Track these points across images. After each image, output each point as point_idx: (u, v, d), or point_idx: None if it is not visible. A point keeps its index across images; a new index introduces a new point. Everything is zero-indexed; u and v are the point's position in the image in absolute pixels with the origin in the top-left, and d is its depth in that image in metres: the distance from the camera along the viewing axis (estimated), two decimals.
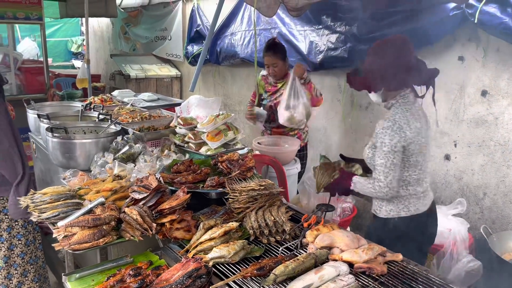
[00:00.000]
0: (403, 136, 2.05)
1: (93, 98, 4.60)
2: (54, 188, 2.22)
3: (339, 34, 4.17)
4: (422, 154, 2.13)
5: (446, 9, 3.23)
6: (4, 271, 2.37)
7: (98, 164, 2.73)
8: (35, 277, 2.47)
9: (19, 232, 2.38)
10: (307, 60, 4.55)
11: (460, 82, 3.45)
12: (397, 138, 2.04)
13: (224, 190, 2.20)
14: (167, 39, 7.51)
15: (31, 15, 5.75)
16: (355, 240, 1.88)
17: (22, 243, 2.40)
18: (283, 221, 2.01)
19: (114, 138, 2.99)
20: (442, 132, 3.62)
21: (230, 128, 2.97)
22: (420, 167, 2.15)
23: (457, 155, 3.54)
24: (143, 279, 1.64)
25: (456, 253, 2.95)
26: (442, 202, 3.65)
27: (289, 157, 3.50)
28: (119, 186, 2.27)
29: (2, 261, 2.35)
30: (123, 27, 8.89)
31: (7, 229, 2.35)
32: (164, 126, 3.40)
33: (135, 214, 1.90)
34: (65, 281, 1.75)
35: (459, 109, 3.48)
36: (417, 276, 1.72)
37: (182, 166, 2.50)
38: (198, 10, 6.55)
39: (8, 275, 2.38)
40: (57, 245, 1.81)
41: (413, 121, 2.10)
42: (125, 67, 7.23)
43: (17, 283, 2.41)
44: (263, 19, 5.04)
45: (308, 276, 1.58)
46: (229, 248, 1.79)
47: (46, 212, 2.02)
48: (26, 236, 2.41)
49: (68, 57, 13.10)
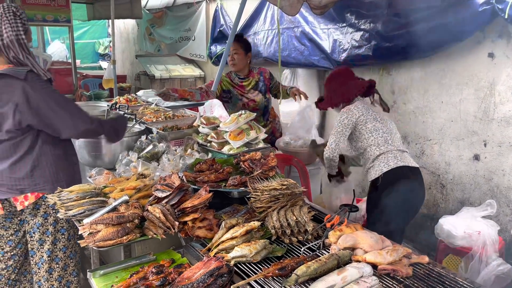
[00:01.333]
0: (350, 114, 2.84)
1: (119, 98, 4.68)
2: (80, 186, 2.27)
3: (363, 32, 4.11)
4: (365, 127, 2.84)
5: (475, 4, 3.13)
6: (46, 264, 2.43)
7: (123, 163, 2.78)
8: (73, 271, 2.52)
9: (63, 227, 2.43)
10: (331, 59, 4.50)
11: (490, 79, 3.34)
12: (344, 115, 2.85)
13: (246, 189, 2.20)
14: (191, 39, 7.58)
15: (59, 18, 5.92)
16: (379, 241, 1.84)
17: (65, 238, 2.44)
18: (305, 221, 1.99)
19: (138, 137, 3.03)
20: (471, 132, 3.51)
21: (253, 128, 2.97)
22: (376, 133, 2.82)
23: (487, 155, 3.43)
24: (165, 277, 1.66)
25: (485, 256, 2.85)
26: (471, 204, 3.54)
27: (312, 156, 3.47)
28: (143, 184, 2.30)
29: (46, 255, 2.41)
30: (148, 28, 9.03)
31: (53, 223, 2.39)
32: (187, 125, 3.43)
33: (158, 213, 1.92)
34: (90, 277, 1.79)
35: (489, 107, 3.36)
36: (444, 279, 1.67)
37: (204, 165, 2.51)
38: (222, 10, 6.58)
39: (49, 269, 2.44)
40: (82, 241, 1.85)
41: (353, 107, 2.88)
42: (150, 67, 7.34)
43: (58, 277, 2.46)
44: (286, 18, 5.01)
45: (330, 277, 1.56)
46: (250, 247, 1.78)
47: (72, 209, 2.06)
48: (68, 231, 2.46)
49: (95, 59, 13.41)
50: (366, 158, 2.86)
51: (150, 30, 8.96)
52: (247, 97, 3.77)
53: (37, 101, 2.17)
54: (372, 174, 2.80)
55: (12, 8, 2.24)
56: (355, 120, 2.82)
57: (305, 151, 3.47)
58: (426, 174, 3.88)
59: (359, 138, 2.86)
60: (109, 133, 2.55)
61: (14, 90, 2.15)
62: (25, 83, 2.16)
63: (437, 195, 3.88)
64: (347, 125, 2.82)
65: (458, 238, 2.93)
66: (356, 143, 2.90)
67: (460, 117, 3.60)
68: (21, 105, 2.15)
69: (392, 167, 2.70)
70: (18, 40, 2.22)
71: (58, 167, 2.40)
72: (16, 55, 2.20)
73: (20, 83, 2.15)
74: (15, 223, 2.41)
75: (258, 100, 3.79)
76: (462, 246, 2.94)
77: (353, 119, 2.82)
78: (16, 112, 2.16)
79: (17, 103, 2.15)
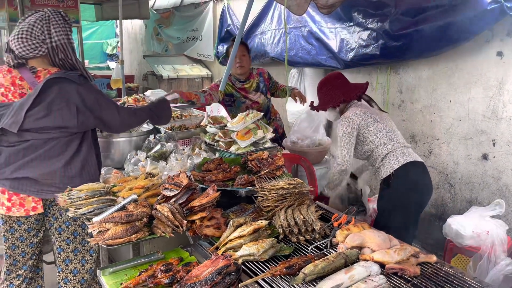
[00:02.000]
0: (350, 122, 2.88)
1: (127, 98, 4.70)
2: (90, 185, 2.29)
3: (370, 31, 4.10)
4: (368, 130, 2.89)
5: (483, 2, 3.11)
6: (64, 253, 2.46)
7: (131, 162, 2.80)
8: (90, 268, 2.54)
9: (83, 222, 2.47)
10: (338, 58, 4.49)
11: (499, 78, 3.32)
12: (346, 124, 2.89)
13: (254, 188, 2.21)
14: (198, 39, 7.61)
15: None
16: (387, 240, 1.84)
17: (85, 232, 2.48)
18: (312, 220, 2.00)
19: (146, 137, 3.06)
20: (480, 131, 3.49)
21: (260, 127, 2.98)
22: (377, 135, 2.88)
23: (496, 155, 3.41)
24: (173, 275, 1.67)
25: (494, 256, 2.84)
26: (479, 203, 3.52)
27: (320, 156, 3.47)
28: (151, 183, 2.31)
29: (65, 243, 2.45)
30: (155, 28, 9.07)
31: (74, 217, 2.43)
32: (195, 125, 3.45)
33: (166, 211, 1.93)
34: (100, 275, 1.81)
35: (498, 106, 3.34)
36: (452, 278, 1.66)
37: (212, 165, 2.52)
38: (229, 10, 6.60)
39: (66, 260, 2.47)
40: (92, 240, 1.87)
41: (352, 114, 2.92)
42: (158, 67, 7.38)
43: (73, 269, 2.49)
44: (293, 17, 5.01)
45: (338, 276, 1.56)
46: (258, 246, 1.79)
47: (82, 208, 2.09)
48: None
49: (103, 59, 13.49)
50: (374, 159, 2.91)
51: (157, 30, 9.01)
52: (251, 99, 3.80)
53: (91, 102, 2.27)
54: (382, 172, 2.86)
55: (61, 13, 2.29)
56: (357, 126, 2.87)
57: (312, 150, 3.47)
58: (434, 173, 3.86)
59: (363, 142, 2.91)
60: (152, 118, 2.68)
61: (70, 92, 2.21)
62: (79, 86, 2.23)
63: (445, 194, 3.86)
64: (351, 133, 2.88)
65: (467, 237, 2.92)
66: (362, 148, 2.95)
67: (468, 116, 3.58)
68: (80, 107, 2.23)
69: (402, 163, 2.78)
70: (70, 44, 2.29)
71: (97, 167, 2.49)
72: (65, 58, 2.26)
73: (75, 86, 2.22)
74: (40, 224, 2.44)
75: (261, 101, 3.82)
76: (470, 246, 2.93)
77: (355, 126, 2.87)
78: (79, 114, 2.23)
79: (76, 105, 2.22)
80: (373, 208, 3.49)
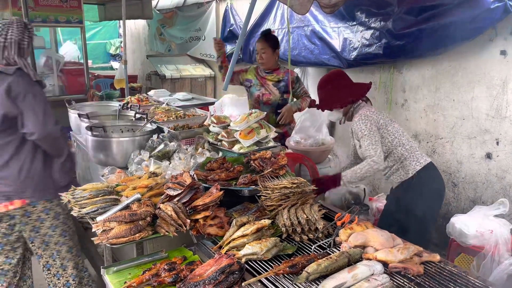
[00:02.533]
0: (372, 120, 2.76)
1: (130, 98, 4.73)
2: (94, 184, 2.31)
3: (373, 30, 4.09)
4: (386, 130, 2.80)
5: (487, 1, 3.10)
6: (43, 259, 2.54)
7: (135, 162, 2.81)
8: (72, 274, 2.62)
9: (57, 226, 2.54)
10: (341, 57, 4.49)
11: (502, 77, 3.30)
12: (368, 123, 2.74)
13: (257, 187, 2.21)
14: (201, 39, 7.62)
15: (72, 19, 5.99)
16: (390, 239, 1.84)
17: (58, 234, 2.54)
18: (315, 219, 2.00)
19: (150, 136, 3.06)
20: (483, 130, 3.48)
21: (263, 126, 2.98)
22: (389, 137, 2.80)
23: (500, 154, 3.39)
24: (177, 274, 1.68)
25: (497, 255, 2.82)
26: (483, 202, 3.51)
27: (322, 155, 3.47)
28: (155, 183, 2.32)
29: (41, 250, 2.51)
30: (158, 28, 9.09)
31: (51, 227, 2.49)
32: (198, 124, 3.45)
33: (169, 210, 1.94)
34: (104, 274, 1.82)
35: (502, 105, 3.33)
36: (456, 277, 1.66)
37: (215, 164, 2.53)
38: (231, 10, 6.60)
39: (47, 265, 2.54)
40: (96, 239, 1.88)
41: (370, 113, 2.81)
42: (161, 67, 7.39)
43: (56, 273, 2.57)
44: (296, 17, 5.01)
45: (341, 275, 1.57)
46: (261, 245, 1.79)
47: (85, 207, 2.10)
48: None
49: (107, 59, 13.51)
50: (393, 159, 2.81)
51: (160, 30, 9.02)
52: (266, 88, 3.79)
53: (17, 92, 2.27)
54: (402, 174, 2.78)
55: (24, 21, 2.43)
56: (377, 124, 2.77)
57: (315, 149, 3.46)
58: None
59: (382, 142, 2.78)
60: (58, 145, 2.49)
61: (1, 85, 2.25)
62: (12, 77, 2.27)
63: (449, 193, 3.85)
64: (376, 130, 2.75)
65: (470, 237, 2.91)
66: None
67: (472, 115, 3.57)
68: (2, 96, 2.24)
69: (424, 164, 2.75)
70: (19, 44, 2.36)
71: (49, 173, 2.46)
72: (9, 55, 2.32)
73: (8, 77, 2.26)
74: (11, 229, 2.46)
75: (273, 97, 3.78)
76: (474, 245, 2.91)
77: (377, 124, 2.78)
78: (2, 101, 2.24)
79: (1, 93, 2.24)
80: (376, 207, 3.48)
